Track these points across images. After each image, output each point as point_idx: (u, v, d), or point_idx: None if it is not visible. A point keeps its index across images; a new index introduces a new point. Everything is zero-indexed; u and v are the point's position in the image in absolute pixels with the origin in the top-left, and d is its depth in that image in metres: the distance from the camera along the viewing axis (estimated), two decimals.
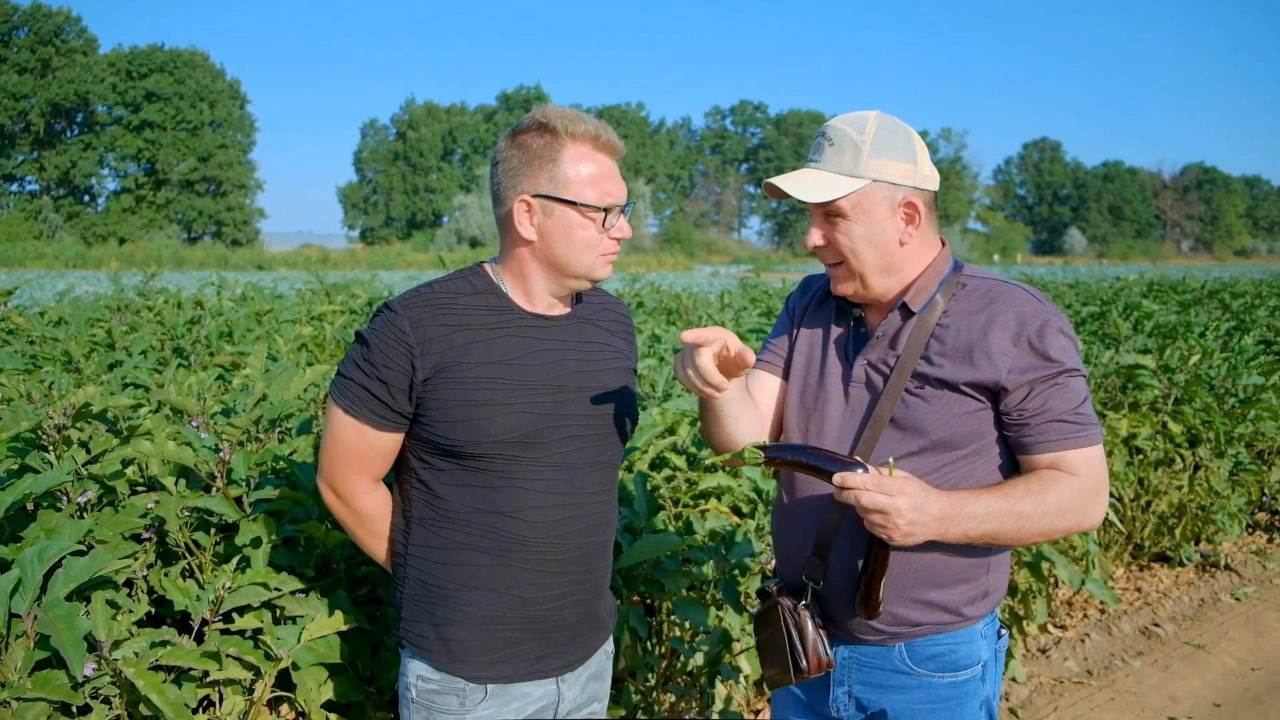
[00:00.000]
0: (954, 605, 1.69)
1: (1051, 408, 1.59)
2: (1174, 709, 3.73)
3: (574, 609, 1.74)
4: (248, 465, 2.24)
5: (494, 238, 37.27)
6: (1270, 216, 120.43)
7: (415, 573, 1.72)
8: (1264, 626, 4.56)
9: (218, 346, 4.83)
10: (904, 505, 1.47)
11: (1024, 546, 3.71)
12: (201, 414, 2.48)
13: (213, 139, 69.12)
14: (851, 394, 1.72)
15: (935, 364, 1.63)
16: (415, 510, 1.71)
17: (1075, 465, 1.60)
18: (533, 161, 1.63)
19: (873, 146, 1.62)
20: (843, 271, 1.69)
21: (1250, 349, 6.25)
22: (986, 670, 1.75)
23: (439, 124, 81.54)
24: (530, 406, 1.64)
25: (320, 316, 6.27)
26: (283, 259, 48.24)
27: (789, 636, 1.69)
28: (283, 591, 2.05)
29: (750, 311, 7.97)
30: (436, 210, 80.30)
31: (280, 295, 7.70)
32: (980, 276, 1.70)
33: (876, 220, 1.64)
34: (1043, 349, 1.59)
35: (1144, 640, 4.36)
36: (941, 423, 1.62)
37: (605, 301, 1.88)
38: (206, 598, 1.91)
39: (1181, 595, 4.85)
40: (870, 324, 1.74)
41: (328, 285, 8.01)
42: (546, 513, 1.67)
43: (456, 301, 1.67)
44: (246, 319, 5.48)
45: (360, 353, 1.65)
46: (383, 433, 1.66)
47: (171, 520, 2.07)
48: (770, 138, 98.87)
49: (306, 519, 2.19)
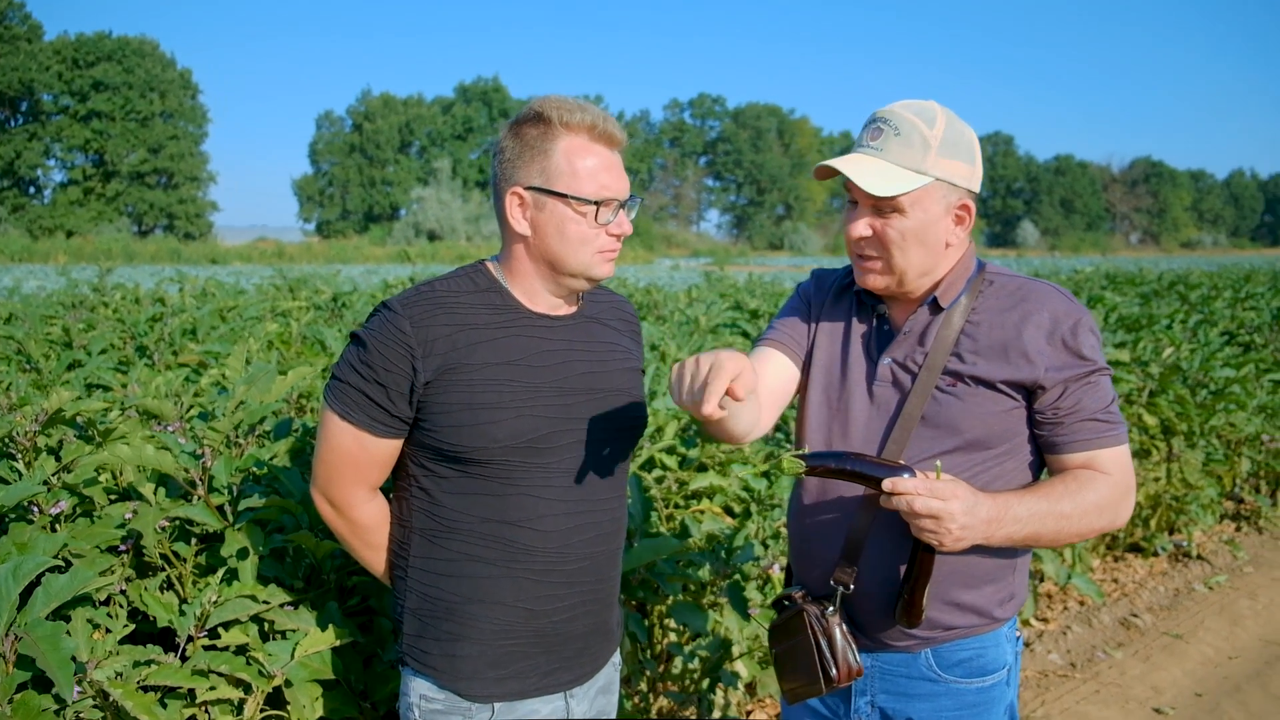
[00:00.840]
0: (984, 607, 1.65)
1: (1084, 406, 1.56)
2: (1157, 699, 3.75)
3: (584, 620, 1.67)
4: (229, 472, 2.14)
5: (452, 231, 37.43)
6: (1214, 210, 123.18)
7: (417, 586, 1.64)
8: (1237, 615, 4.61)
9: (181, 345, 4.68)
10: (957, 510, 1.43)
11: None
12: (179, 418, 2.37)
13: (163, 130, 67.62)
14: (876, 393, 1.66)
15: (968, 361, 1.59)
16: (416, 520, 1.63)
17: (1107, 464, 1.57)
18: (526, 152, 1.57)
19: (942, 144, 1.56)
20: (880, 265, 1.63)
21: (1216, 341, 6.32)
22: (1010, 674, 1.71)
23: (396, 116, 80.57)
24: (538, 410, 1.57)
25: (286, 313, 6.11)
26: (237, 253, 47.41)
27: (817, 645, 1.63)
28: (271, 604, 1.96)
29: (720, 305, 7.92)
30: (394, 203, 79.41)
31: (242, 291, 7.50)
32: (1006, 274, 1.66)
33: (931, 219, 1.58)
34: (1076, 347, 1.56)
35: (1124, 631, 4.38)
36: (977, 421, 1.58)
37: (612, 300, 1.81)
38: (193, 612, 1.81)
39: (1157, 585, 4.89)
40: (895, 320, 1.69)
41: (291, 280, 7.82)
42: (556, 521, 1.60)
43: (459, 300, 1.59)
44: (210, 316, 5.32)
45: (357, 355, 1.56)
46: (382, 439, 1.58)
47: (149, 533, 1.97)
48: (729, 131, 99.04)
49: (295, 528, 2.09)
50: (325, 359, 4.20)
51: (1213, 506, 5.16)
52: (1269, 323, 7.74)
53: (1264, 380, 5.94)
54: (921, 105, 1.61)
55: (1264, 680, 3.92)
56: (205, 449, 2.03)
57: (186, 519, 2.07)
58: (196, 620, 1.82)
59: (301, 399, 3.38)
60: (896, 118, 1.59)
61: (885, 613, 1.65)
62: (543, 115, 1.56)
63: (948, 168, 1.57)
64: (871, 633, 1.68)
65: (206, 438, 2.03)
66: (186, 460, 2.07)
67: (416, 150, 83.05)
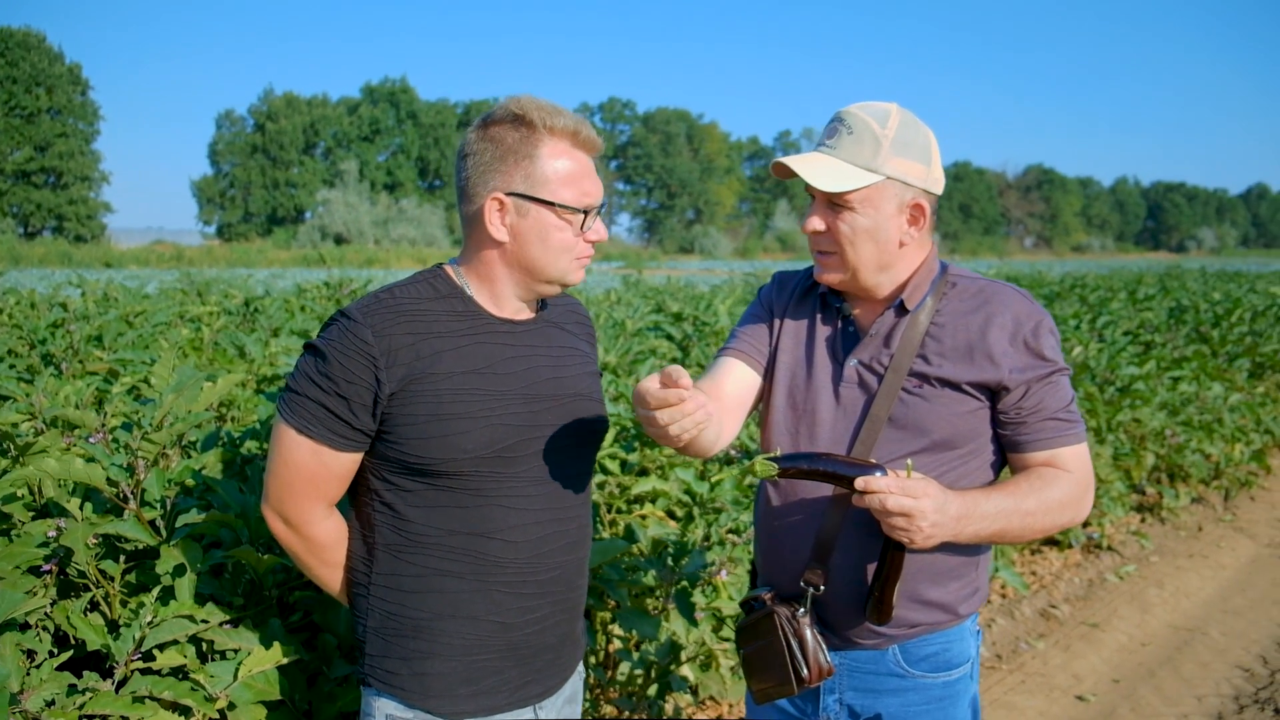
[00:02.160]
0: (949, 603, 1.68)
1: (1046, 406, 1.60)
2: (1079, 687, 3.88)
3: (554, 631, 1.64)
4: (162, 485, 2.04)
5: (360, 234, 36.79)
6: (1101, 215, 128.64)
7: (381, 604, 1.58)
8: (1147, 603, 4.80)
9: (86, 352, 4.46)
10: (928, 507, 1.44)
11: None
12: (101, 428, 2.25)
13: (51, 127, 64.53)
14: (843, 394, 1.67)
15: (934, 363, 1.61)
16: (379, 536, 1.57)
17: (1068, 462, 1.61)
18: (507, 157, 1.51)
19: (893, 143, 1.58)
20: (835, 261, 1.65)
21: (1120, 340, 6.59)
22: (974, 667, 1.75)
23: (300, 116, 78.49)
24: (506, 418, 1.53)
25: (196, 319, 5.89)
26: (133, 256, 45.52)
27: (788, 646, 1.63)
28: (210, 624, 1.87)
29: (642, 308, 7.92)
30: (299, 205, 77.33)
31: (148, 295, 7.19)
32: (968, 276, 1.69)
33: (883, 217, 1.60)
34: (1038, 348, 1.60)
35: (1044, 622, 4.53)
36: (944, 421, 1.60)
37: (567, 303, 1.78)
38: (131, 635, 1.72)
39: (1072, 577, 5.06)
40: (861, 323, 1.71)
41: (199, 284, 7.54)
42: (527, 531, 1.57)
43: (421, 307, 1.54)
44: (116, 322, 5.09)
45: (315, 366, 1.49)
46: (342, 454, 1.52)
47: (80, 550, 1.86)
48: (639, 135, 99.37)
49: (235, 542, 2.00)
50: (245, 366, 4.06)
51: (1122, 499, 5.37)
52: (1165, 322, 8.11)
53: (1164, 378, 6.21)
54: (879, 106, 1.63)
55: (1175, 665, 4.09)
56: (139, 461, 1.93)
57: (116, 535, 1.97)
58: (134, 643, 1.73)
59: (222, 408, 3.26)
60: (852, 117, 1.61)
61: (854, 612, 1.66)
62: (524, 118, 1.51)
63: (899, 166, 1.59)
64: (840, 631, 1.69)
65: (140, 449, 1.93)
66: (117, 473, 1.97)
67: (322, 152, 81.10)
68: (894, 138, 1.59)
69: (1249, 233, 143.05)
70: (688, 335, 6.03)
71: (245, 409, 3.31)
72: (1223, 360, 7.34)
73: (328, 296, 7.25)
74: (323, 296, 7.31)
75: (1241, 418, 6.58)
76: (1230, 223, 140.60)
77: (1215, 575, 5.23)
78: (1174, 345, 7.20)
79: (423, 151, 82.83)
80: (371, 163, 79.82)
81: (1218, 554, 5.56)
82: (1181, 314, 8.85)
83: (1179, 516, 6.04)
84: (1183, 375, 6.30)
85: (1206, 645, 4.29)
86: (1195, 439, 5.93)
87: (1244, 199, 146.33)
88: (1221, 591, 5.00)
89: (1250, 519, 6.26)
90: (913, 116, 1.64)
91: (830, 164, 1.60)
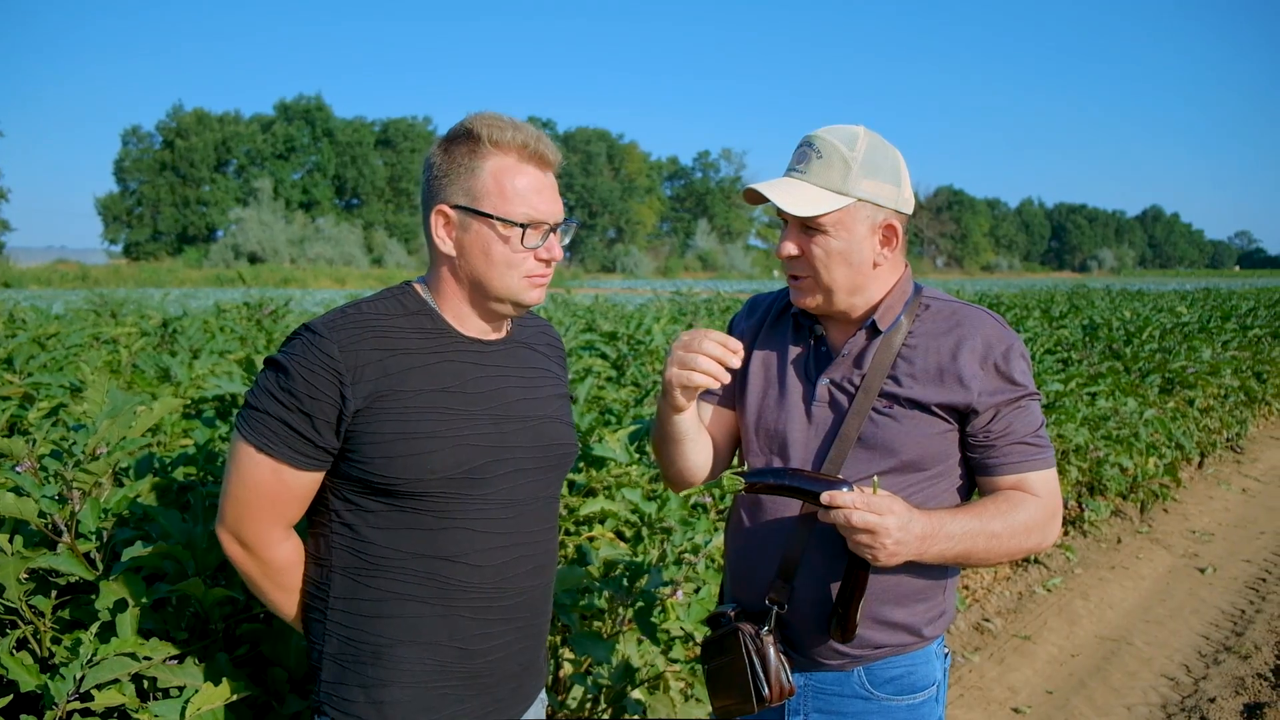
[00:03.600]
0: (914, 625, 1.68)
1: (1015, 430, 1.61)
2: (1015, 699, 3.95)
3: (517, 659, 1.60)
4: (97, 516, 1.94)
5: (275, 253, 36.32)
6: (1009, 235, 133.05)
7: (338, 629, 1.52)
8: (1074, 615, 4.92)
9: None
10: (892, 524, 1.45)
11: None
12: (29, 457, 2.13)
13: None
14: (814, 413, 1.68)
15: (904, 384, 1.62)
16: (336, 558, 1.52)
17: (1036, 486, 1.62)
18: (454, 170, 1.51)
19: (862, 165, 1.59)
20: (809, 284, 1.65)
21: (1044, 359, 6.78)
22: (940, 690, 1.74)
23: (211, 133, 76.56)
24: (475, 439, 1.50)
25: (113, 340, 5.66)
26: (34, 275, 43.65)
27: (750, 664, 1.63)
28: (154, 660, 1.77)
29: (574, 327, 7.89)
30: (210, 224, 75.32)
31: (58, 316, 6.90)
32: (942, 299, 1.70)
33: (855, 239, 1.61)
34: (1008, 372, 1.61)
35: (978, 635, 4.61)
36: (913, 443, 1.61)
37: (538, 325, 1.76)
38: (72, 675, 1.62)
39: (1003, 590, 5.17)
40: (834, 343, 1.71)
41: (113, 303, 7.26)
42: (492, 555, 1.53)
43: (388, 323, 1.51)
44: (28, 344, 4.86)
45: (276, 381, 1.45)
46: (303, 472, 1.47)
47: (12, 586, 1.75)
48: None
49: (179, 575, 1.91)
50: (171, 389, 3.91)
51: None
52: (1081, 340, 8.39)
53: (1082, 394, 6.41)
54: (846, 129, 1.64)
55: (1105, 675, 4.20)
56: (74, 492, 1.82)
57: (49, 570, 1.86)
58: (74, 683, 1.63)
59: (147, 433, 3.13)
60: (820, 141, 1.63)
61: (819, 631, 1.66)
62: (472, 132, 1.50)
63: (869, 188, 1.60)
64: (805, 651, 1.69)
65: (75, 479, 1.83)
66: (48, 504, 1.86)
67: (234, 169, 79.24)
68: (863, 160, 1.60)
69: (1145, 253, 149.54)
70: (623, 354, 6.02)
71: (173, 433, 3.19)
72: (1135, 376, 7.60)
73: (248, 317, 7.06)
74: (243, 317, 7.12)
75: (1154, 432, 6.82)
76: (1128, 243, 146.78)
77: (1136, 586, 5.40)
78: (1089, 362, 7.44)
79: (339, 170, 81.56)
80: (286, 181, 78.25)
81: (1137, 565, 5.74)
82: (1094, 331, 9.16)
83: (1100, 529, 6.23)
84: (1099, 391, 6.50)
85: (1132, 655, 4.42)
86: (1114, 453, 6.13)
87: (1140, 220, 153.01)
88: (1143, 602, 5.16)
89: (1165, 530, 6.49)
90: (880, 139, 1.65)
91: (801, 189, 1.61)
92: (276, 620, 1.96)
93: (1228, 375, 8.75)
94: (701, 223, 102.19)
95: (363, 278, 54.61)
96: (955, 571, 1.75)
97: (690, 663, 2.91)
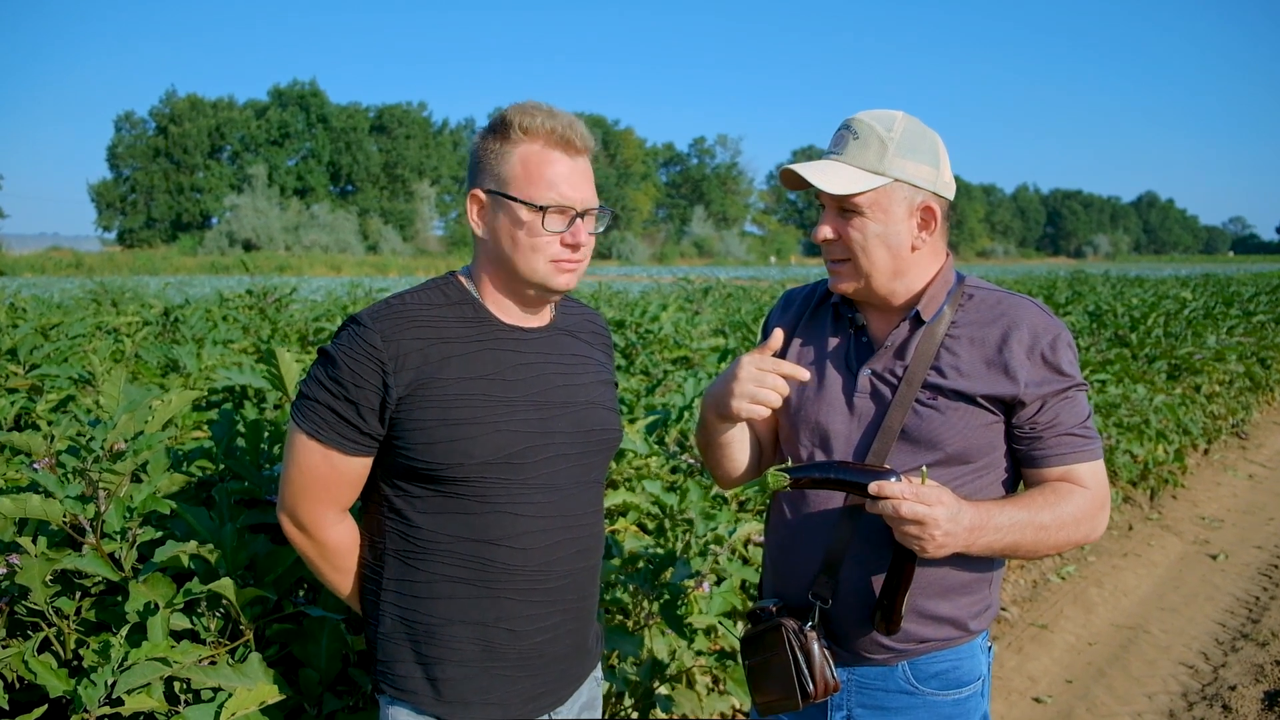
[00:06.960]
0: (960, 619, 1.65)
1: (1062, 421, 1.58)
2: (1035, 689, 3.93)
3: (566, 640, 1.61)
4: (122, 515, 1.90)
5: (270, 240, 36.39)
6: (1004, 221, 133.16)
7: (392, 609, 1.56)
8: (1089, 603, 4.90)
9: (1, 368, 4.18)
10: (941, 515, 1.43)
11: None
12: (47, 454, 2.08)
13: None
14: (856, 404, 1.64)
15: (949, 375, 1.58)
16: (389, 542, 1.56)
17: (1084, 478, 1.59)
18: (486, 156, 1.55)
19: (899, 145, 1.56)
20: (848, 269, 1.62)
21: None
22: (984, 684, 1.71)
23: (205, 119, 76.11)
24: (515, 425, 1.52)
25: (115, 330, 5.60)
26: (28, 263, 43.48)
27: (794, 659, 1.59)
28: (184, 663, 1.73)
29: None
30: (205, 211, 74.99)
31: (60, 305, 6.83)
32: (986, 288, 1.66)
33: (893, 220, 1.58)
34: (1055, 363, 1.57)
35: (996, 624, 4.58)
36: (958, 435, 1.58)
37: (584, 313, 1.77)
38: (103, 680, 1.57)
39: (1017, 579, 5.15)
40: (875, 333, 1.67)
41: (114, 292, 7.19)
42: (535, 538, 1.55)
43: (430, 313, 1.54)
44: (32, 335, 4.79)
45: (326, 371, 1.50)
46: (352, 458, 1.51)
47: (39, 589, 1.71)
48: None
49: (209, 574, 1.86)
50: (181, 380, 3.85)
51: None
52: (1087, 326, 8.36)
53: (1093, 381, 6.38)
54: (885, 113, 1.62)
55: (1124, 663, 4.18)
56: (100, 492, 1.78)
57: (75, 571, 1.82)
58: (105, 689, 1.58)
59: (197, 425, 3.08)
60: (857, 124, 1.60)
61: (863, 626, 1.63)
62: (505, 119, 1.54)
63: (906, 168, 1.57)
64: (849, 646, 1.66)
65: (101, 480, 1.78)
66: (72, 505, 1.82)
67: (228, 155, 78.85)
68: (900, 140, 1.57)
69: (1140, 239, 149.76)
70: (631, 343, 5.97)
71: (184, 425, 3.13)
72: (1142, 363, 7.58)
73: (251, 305, 6.97)
74: (246, 305, 7.03)
75: (1163, 419, 6.79)
76: (1123, 229, 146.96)
77: (1149, 573, 5.38)
78: (1097, 349, 7.41)
79: (334, 156, 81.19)
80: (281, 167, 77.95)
81: (1149, 552, 5.72)
82: (1100, 318, 9.13)
83: (1112, 517, 6.20)
84: (1108, 378, 6.47)
85: (1150, 643, 4.40)
86: (1125, 440, 6.10)
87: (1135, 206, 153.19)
88: (1157, 589, 5.14)
89: (1175, 517, 6.47)
90: (919, 122, 1.62)
91: (837, 169, 1.58)
92: (307, 621, 1.93)
93: (1233, 361, 8.73)
94: (697, 209, 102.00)
95: (358, 265, 54.45)
96: (1000, 564, 1.71)
97: (714, 655, 2.88)
